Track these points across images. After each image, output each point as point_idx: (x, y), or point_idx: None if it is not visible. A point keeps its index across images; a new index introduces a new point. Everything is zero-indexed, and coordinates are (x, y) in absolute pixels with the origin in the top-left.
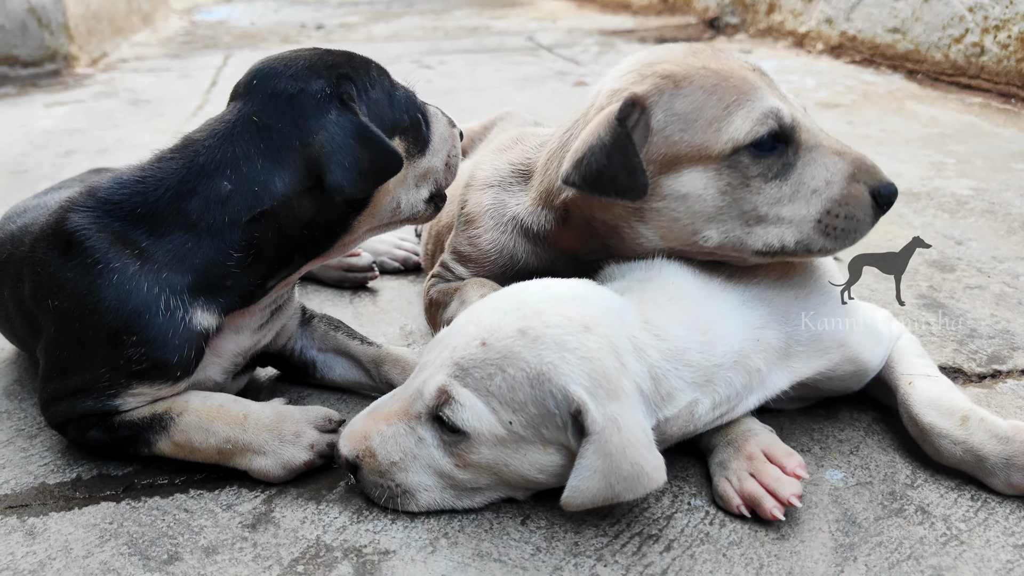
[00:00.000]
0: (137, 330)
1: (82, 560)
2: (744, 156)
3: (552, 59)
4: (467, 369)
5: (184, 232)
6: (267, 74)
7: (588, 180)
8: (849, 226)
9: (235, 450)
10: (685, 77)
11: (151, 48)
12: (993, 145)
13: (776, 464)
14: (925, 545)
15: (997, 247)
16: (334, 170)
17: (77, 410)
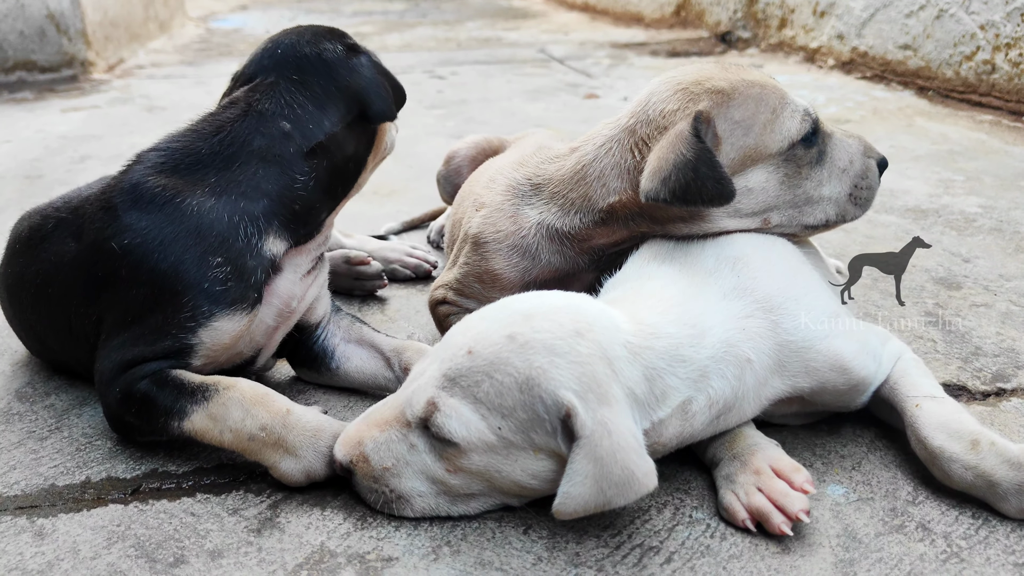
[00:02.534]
0: (222, 253)
1: (90, 561)
2: (798, 149)
3: (564, 71)
4: (455, 379)
5: (255, 164)
6: (289, 45)
7: (676, 194)
8: (869, 195)
9: (268, 442)
10: (734, 90)
11: (167, 55)
12: (1003, 163)
13: (783, 479)
14: (925, 562)
15: (1004, 265)
16: (374, 100)
17: (153, 351)
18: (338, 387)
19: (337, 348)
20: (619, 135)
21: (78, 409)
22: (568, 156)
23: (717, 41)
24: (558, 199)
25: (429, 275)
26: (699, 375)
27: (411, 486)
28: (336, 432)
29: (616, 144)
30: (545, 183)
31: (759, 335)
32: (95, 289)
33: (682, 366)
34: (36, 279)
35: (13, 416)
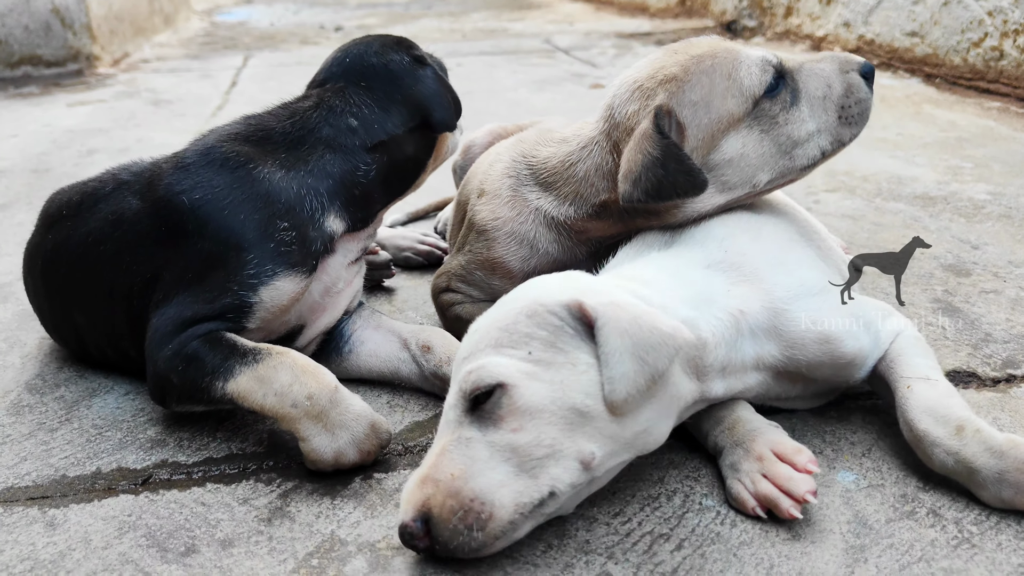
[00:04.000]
0: (289, 219)
1: (101, 551)
2: (764, 103)
3: (569, 61)
4: (472, 353)
5: (322, 148)
6: (357, 54)
7: (650, 193)
8: (861, 108)
9: (311, 412)
10: (685, 72)
11: (172, 49)
12: (1011, 150)
13: (787, 462)
14: (936, 548)
15: (1014, 251)
16: (436, 109)
17: (213, 310)
18: (345, 378)
19: (354, 334)
20: (597, 137)
21: (88, 400)
22: (560, 147)
23: (722, 30)
24: (552, 189)
25: (440, 261)
26: (703, 300)
27: (488, 480)
28: (374, 422)
29: (596, 147)
30: (539, 168)
31: (747, 295)
32: (156, 244)
33: (684, 305)
34: (87, 239)
35: (24, 408)
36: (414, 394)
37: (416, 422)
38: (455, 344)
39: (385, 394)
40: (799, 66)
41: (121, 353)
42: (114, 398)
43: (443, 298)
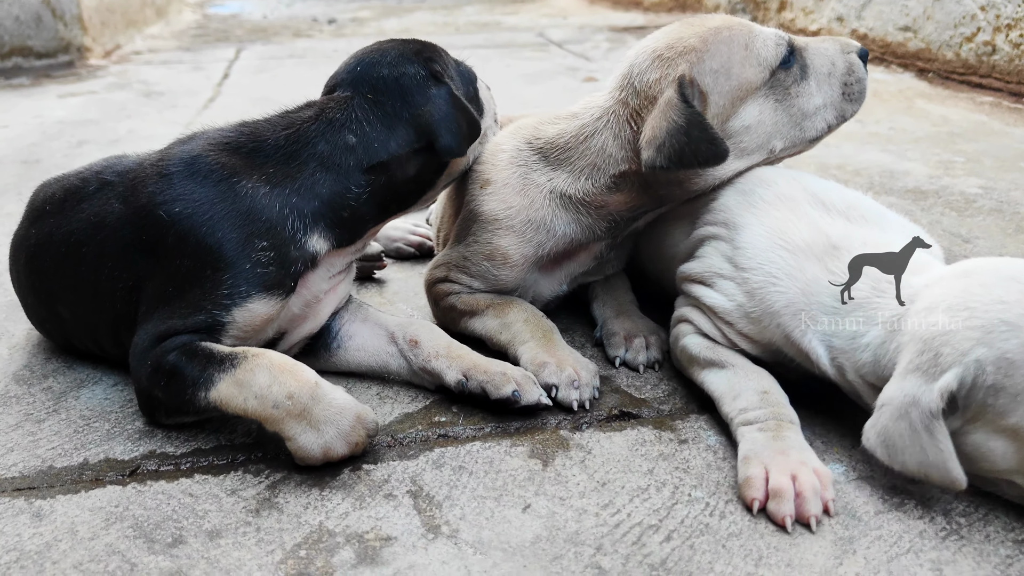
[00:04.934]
0: (268, 238)
1: (88, 542)
2: (779, 74)
3: (562, 55)
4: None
5: (314, 166)
6: (369, 63)
7: (673, 160)
8: (860, 87)
9: (293, 411)
10: (704, 43)
11: (164, 41)
12: (1003, 144)
13: (818, 477)
14: (925, 539)
15: (1004, 245)
16: (443, 135)
17: (185, 325)
18: (335, 372)
19: (342, 329)
20: (613, 107)
21: (76, 391)
22: (569, 122)
23: None
24: (566, 165)
25: (431, 252)
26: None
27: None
28: (359, 414)
29: (612, 116)
30: (548, 147)
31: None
32: (137, 253)
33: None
34: (69, 238)
35: (11, 399)
36: (404, 386)
37: (406, 413)
38: (442, 338)
39: (375, 386)
40: (806, 44)
41: (103, 349)
42: (102, 389)
43: (438, 288)
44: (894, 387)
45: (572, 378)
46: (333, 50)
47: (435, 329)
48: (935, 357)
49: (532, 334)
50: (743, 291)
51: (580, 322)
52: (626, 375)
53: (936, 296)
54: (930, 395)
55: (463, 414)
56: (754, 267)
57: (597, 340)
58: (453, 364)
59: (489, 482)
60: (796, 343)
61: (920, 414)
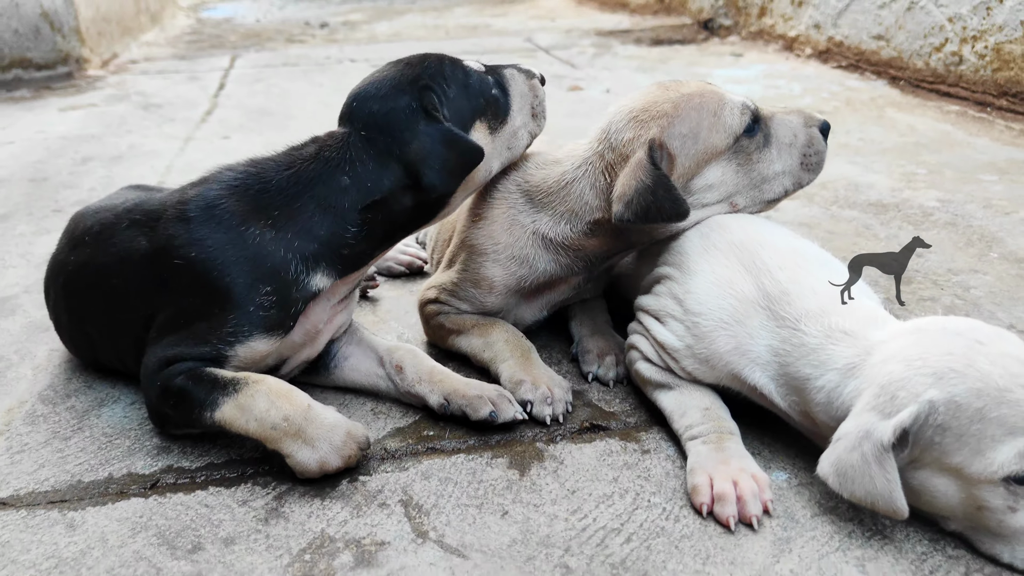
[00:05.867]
0: (272, 283)
1: (118, 549)
2: (742, 140)
3: (549, 61)
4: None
5: (312, 208)
6: (363, 98)
7: (639, 215)
8: (818, 159)
9: (288, 432)
10: (676, 108)
11: (159, 48)
12: (964, 155)
13: (756, 482)
14: (853, 539)
15: (954, 259)
16: (428, 173)
17: (190, 353)
18: (331, 387)
19: (339, 350)
20: (592, 158)
21: (97, 410)
22: (553, 167)
23: (700, 28)
24: (548, 209)
25: (421, 270)
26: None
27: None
28: (349, 430)
29: (590, 167)
30: (534, 191)
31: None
32: (156, 287)
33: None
34: (101, 268)
35: (38, 417)
36: (395, 402)
37: (397, 428)
38: (425, 364)
39: (369, 402)
40: (771, 115)
41: (126, 366)
42: (121, 408)
43: (429, 308)
44: (851, 423)
45: (546, 395)
46: (326, 57)
47: (418, 355)
48: (891, 399)
49: (512, 353)
50: (692, 334)
51: (558, 339)
52: (598, 390)
53: (892, 349)
54: (884, 430)
55: (449, 428)
56: (704, 312)
57: (573, 356)
58: (435, 388)
59: (472, 491)
60: (746, 381)
61: (872, 447)
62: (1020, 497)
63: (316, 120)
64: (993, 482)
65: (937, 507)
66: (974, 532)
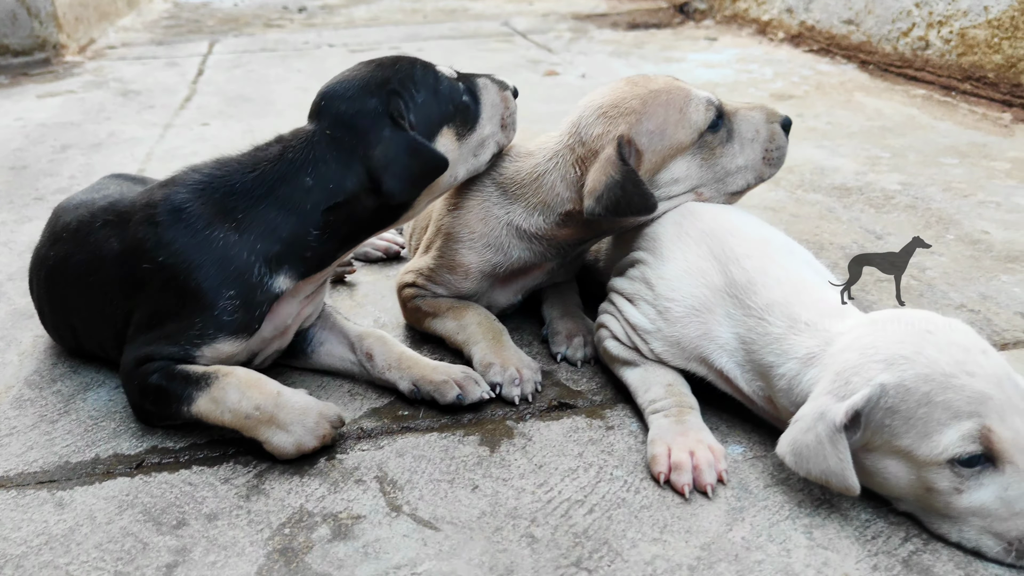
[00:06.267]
0: (237, 286)
1: (105, 526)
2: (707, 136)
3: (526, 46)
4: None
5: (276, 209)
6: (331, 97)
7: (610, 209)
8: (780, 154)
9: (262, 419)
10: (643, 104)
11: (137, 33)
12: (928, 139)
13: (713, 455)
14: (802, 507)
15: None
16: (388, 180)
17: (160, 352)
18: (311, 369)
19: (315, 335)
20: (563, 151)
21: (83, 394)
22: (525, 160)
23: (675, 12)
24: (521, 201)
25: (398, 256)
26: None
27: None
28: (321, 411)
29: (561, 159)
30: (508, 183)
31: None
32: (131, 287)
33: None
34: (80, 266)
35: (25, 402)
36: (372, 384)
37: (373, 408)
38: (394, 350)
39: (347, 384)
40: (735, 111)
41: (108, 354)
42: (106, 391)
43: (406, 292)
44: (808, 406)
45: (514, 377)
46: (304, 42)
47: (387, 342)
48: (845, 384)
49: (484, 336)
50: (663, 318)
51: (530, 320)
52: (566, 370)
53: (848, 340)
54: (837, 411)
55: (423, 408)
56: (676, 298)
57: (544, 337)
58: (404, 375)
59: (444, 467)
60: (713, 365)
61: (826, 427)
62: (965, 479)
63: (295, 106)
64: (939, 464)
65: (889, 488)
66: (924, 513)
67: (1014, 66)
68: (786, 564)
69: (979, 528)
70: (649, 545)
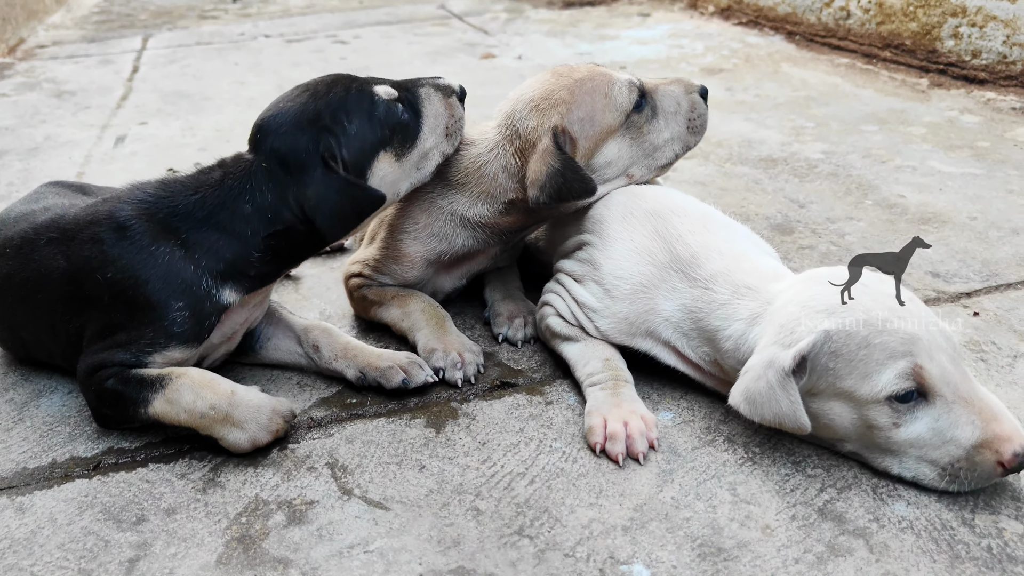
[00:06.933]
0: (184, 298)
1: (66, 527)
2: (633, 116)
3: (463, 29)
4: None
5: (217, 233)
6: (265, 131)
7: (553, 197)
8: (702, 121)
9: (217, 418)
10: (571, 94)
11: (67, 31)
12: (850, 107)
13: (645, 425)
14: (727, 467)
15: (833, 208)
16: (320, 220)
17: (113, 359)
18: (260, 364)
19: (262, 332)
20: (501, 142)
21: (36, 401)
22: (467, 150)
23: None
24: (464, 191)
25: (342, 248)
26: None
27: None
28: (274, 406)
29: (500, 149)
30: (450, 173)
31: None
32: (81, 304)
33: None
34: (26, 283)
35: None
36: (321, 375)
37: (322, 398)
38: (339, 341)
39: (295, 376)
40: (655, 87)
41: (59, 364)
42: (59, 397)
43: (352, 282)
44: (756, 357)
45: (456, 361)
46: (240, 33)
47: (332, 334)
48: (791, 333)
49: (427, 322)
50: (611, 296)
51: (472, 304)
52: (507, 350)
53: (789, 296)
54: (785, 357)
55: (370, 395)
56: (624, 276)
57: (486, 319)
58: (351, 364)
59: (392, 450)
60: (660, 337)
61: (775, 373)
62: (902, 414)
63: (233, 101)
64: (879, 401)
65: (834, 430)
66: (868, 450)
67: (929, 33)
68: (712, 519)
69: (916, 458)
70: (586, 510)
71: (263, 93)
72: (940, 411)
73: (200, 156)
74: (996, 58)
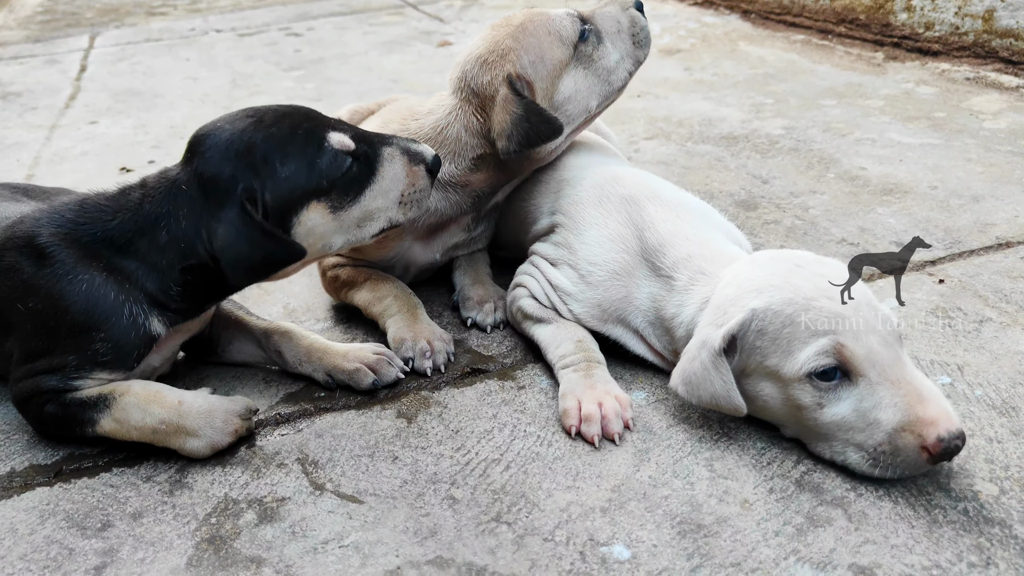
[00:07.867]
0: (106, 328)
1: (28, 537)
2: (580, 47)
3: (418, 17)
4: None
5: (137, 261)
6: (198, 147)
7: (523, 143)
8: (645, 33)
9: (169, 432)
10: (516, 40)
11: (10, 31)
12: (808, 83)
13: (619, 402)
14: (703, 443)
15: (795, 183)
16: (225, 265)
17: (43, 386)
18: (228, 364)
19: (221, 336)
20: (459, 104)
21: None
22: (426, 118)
23: None
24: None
25: None
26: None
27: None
28: (227, 408)
29: (459, 111)
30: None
31: None
32: (4, 330)
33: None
34: None
35: None
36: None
37: (289, 393)
38: (302, 343)
39: (261, 372)
40: (592, 13)
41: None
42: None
43: (325, 263)
44: (694, 339)
45: (424, 350)
46: (190, 29)
47: (294, 336)
48: (723, 314)
49: (399, 309)
50: (585, 282)
51: (439, 291)
52: (477, 336)
53: (729, 278)
54: (715, 336)
55: (339, 388)
56: (598, 263)
57: (454, 304)
58: (317, 367)
59: (363, 442)
60: (630, 325)
61: (708, 353)
62: (825, 392)
63: (185, 98)
64: (800, 379)
65: (768, 411)
66: (802, 434)
67: (882, 7)
68: (690, 496)
69: (843, 442)
70: (564, 493)
71: (217, 88)
72: (864, 392)
73: (154, 153)
74: (949, 29)
